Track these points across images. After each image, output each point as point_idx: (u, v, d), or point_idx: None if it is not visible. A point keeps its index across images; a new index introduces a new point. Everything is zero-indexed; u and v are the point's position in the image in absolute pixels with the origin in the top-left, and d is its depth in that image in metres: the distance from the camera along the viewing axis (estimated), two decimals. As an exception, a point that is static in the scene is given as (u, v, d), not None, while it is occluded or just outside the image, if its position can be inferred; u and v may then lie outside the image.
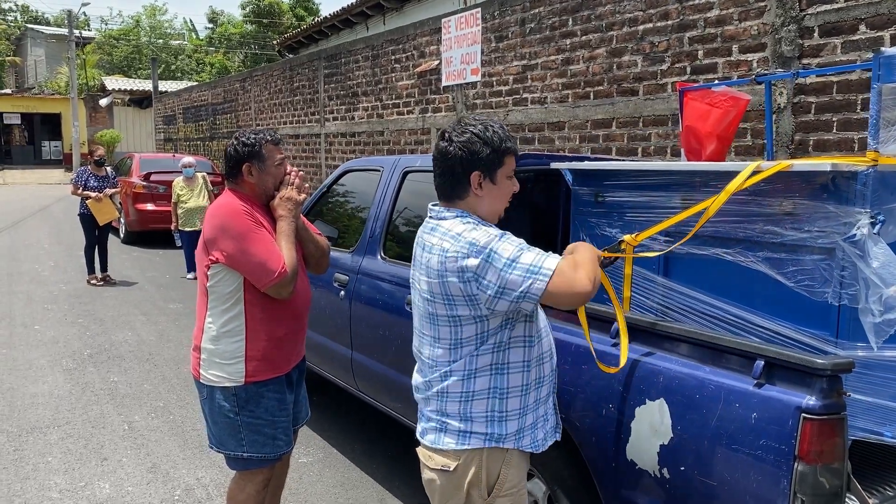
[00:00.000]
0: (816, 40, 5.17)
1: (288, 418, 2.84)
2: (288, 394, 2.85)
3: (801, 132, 5.29)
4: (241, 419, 2.72)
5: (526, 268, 1.93)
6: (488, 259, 1.95)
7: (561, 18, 7.53)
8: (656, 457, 2.26)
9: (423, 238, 2.16)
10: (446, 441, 2.12)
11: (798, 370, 1.95)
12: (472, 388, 2.09)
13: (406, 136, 10.62)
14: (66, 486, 3.88)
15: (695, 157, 3.58)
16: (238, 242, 2.62)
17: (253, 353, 2.70)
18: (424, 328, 2.16)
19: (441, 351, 2.11)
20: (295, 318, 2.82)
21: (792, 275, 2.34)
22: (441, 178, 2.14)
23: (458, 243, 1.99)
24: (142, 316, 7.76)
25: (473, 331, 2.06)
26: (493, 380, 2.09)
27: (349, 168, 4.69)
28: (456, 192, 2.12)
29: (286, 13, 37.26)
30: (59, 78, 38.97)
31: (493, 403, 2.10)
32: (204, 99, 20.04)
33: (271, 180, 2.78)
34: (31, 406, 5.02)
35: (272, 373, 2.75)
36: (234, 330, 2.71)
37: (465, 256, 1.97)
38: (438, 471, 2.14)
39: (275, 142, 2.81)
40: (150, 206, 12.67)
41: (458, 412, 2.10)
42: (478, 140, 2.08)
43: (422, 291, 2.13)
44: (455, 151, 2.08)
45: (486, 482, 2.12)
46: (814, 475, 1.89)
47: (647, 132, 6.55)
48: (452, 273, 1.99)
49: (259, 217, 2.72)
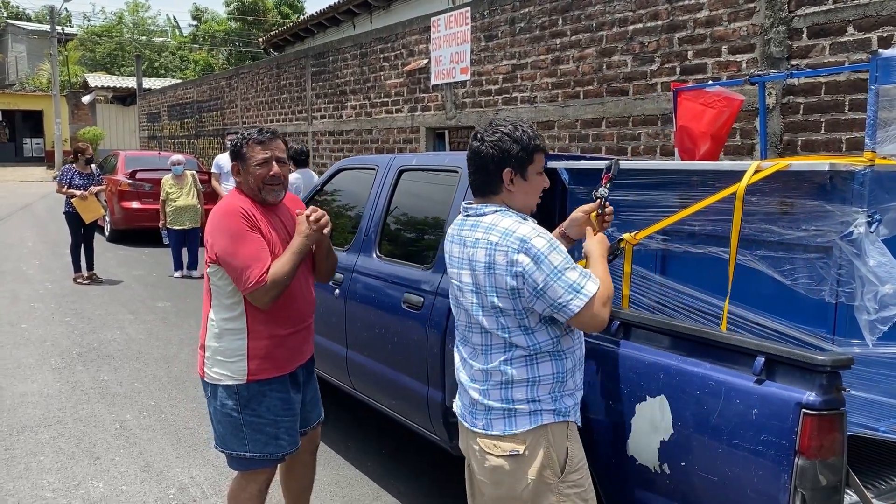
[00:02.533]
0: (805, 41, 5.23)
1: (292, 419, 2.82)
2: (293, 394, 2.82)
3: (789, 132, 5.35)
4: (243, 417, 2.71)
5: (570, 283, 2.06)
6: (538, 260, 2.06)
7: (551, 18, 7.57)
8: (657, 452, 2.29)
9: (460, 235, 2.27)
10: (519, 424, 2.18)
11: (798, 366, 1.98)
12: (538, 374, 2.17)
13: (395, 135, 10.62)
14: (60, 486, 3.85)
15: (689, 157, 3.62)
16: (227, 243, 2.61)
17: (255, 351, 2.68)
18: (471, 319, 2.24)
19: (495, 339, 2.20)
20: (298, 320, 2.80)
21: (789, 273, 2.37)
22: (475, 175, 2.27)
23: (508, 238, 2.10)
24: (129, 315, 7.71)
25: (517, 323, 2.15)
26: (555, 365, 2.19)
27: (343, 166, 4.69)
28: (490, 188, 2.24)
29: (271, 11, 37.09)
30: (40, 75, 38.52)
31: (556, 386, 2.19)
32: (189, 96, 19.91)
33: (252, 180, 2.69)
34: (21, 405, 4.99)
35: (275, 372, 2.73)
36: (236, 328, 2.69)
37: (515, 251, 2.08)
38: (507, 457, 2.18)
39: (259, 141, 2.70)
40: (136, 204, 12.57)
41: (525, 398, 2.17)
42: (508, 139, 2.21)
43: (465, 285, 2.24)
44: (487, 150, 2.21)
45: (558, 460, 2.19)
46: (814, 470, 1.92)
47: (637, 132, 6.60)
48: (501, 266, 2.10)
49: (258, 218, 2.67)
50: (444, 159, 3.93)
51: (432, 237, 3.72)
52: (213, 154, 16.30)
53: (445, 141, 9.86)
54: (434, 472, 4.14)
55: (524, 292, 2.09)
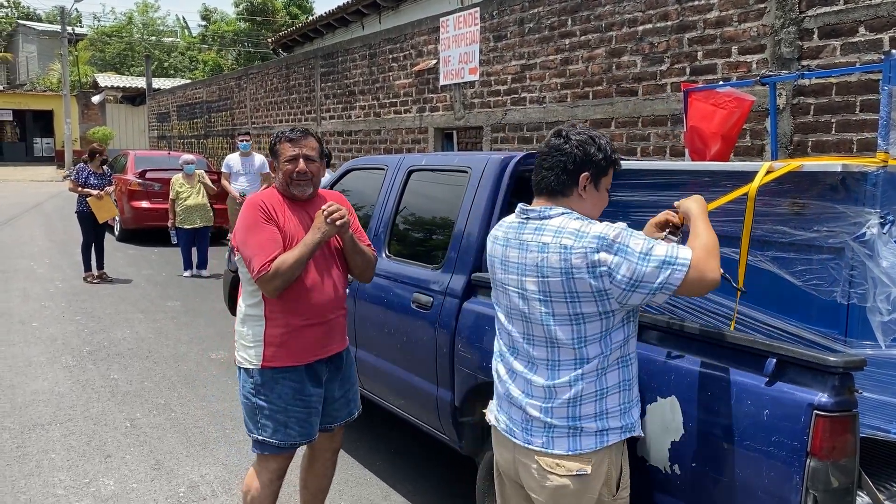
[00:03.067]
0: (816, 42, 5.21)
1: (305, 410, 2.86)
2: (310, 387, 2.87)
3: (799, 133, 5.33)
4: (256, 401, 2.84)
5: (661, 259, 1.96)
6: (622, 253, 1.96)
7: (560, 18, 7.56)
8: (667, 453, 2.28)
9: (520, 239, 2.15)
10: (584, 444, 2.08)
11: (810, 368, 1.98)
12: (606, 385, 2.08)
13: (403, 135, 10.63)
14: (71, 483, 3.88)
15: (699, 158, 3.61)
16: (242, 233, 2.79)
17: (270, 338, 2.79)
18: (535, 330, 2.12)
19: (565, 352, 2.08)
20: (315, 313, 2.83)
21: (801, 274, 2.36)
22: (549, 171, 2.15)
23: (583, 239, 2.00)
24: (139, 314, 7.74)
25: (598, 328, 2.05)
26: (622, 373, 2.11)
27: (352, 167, 4.71)
28: (562, 188, 2.13)
29: (280, 11, 37.17)
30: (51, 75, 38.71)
31: (623, 396, 2.12)
32: (199, 96, 19.98)
33: (281, 175, 2.86)
34: (33, 403, 5.02)
35: (289, 361, 2.81)
36: (256, 314, 2.83)
37: (594, 251, 1.97)
38: (572, 476, 2.08)
39: (289, 139, 2.84)
40: (146, 204, 12.62)
41: (593, 412, 2.08)
42: (593, 144, 2.14)
43: (529, 293, 2.10)
44: (571, 149, 2.13)
45: (615, 478, 2.14)
46: (826, 471, 1.91)
47: (647, 132, 6.59)
48: (581, 269, 1.99)
49: (280, 211, 2.80)
50: (453, 159, 3.93)
51: (441, 237, 3.72)
52: (223, 154, 16.36)
53: (454, 141, 9.86)
54: (443, 472, 4.15)
55: (613, 292, 1.99)
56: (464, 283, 3.35)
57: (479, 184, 3.48)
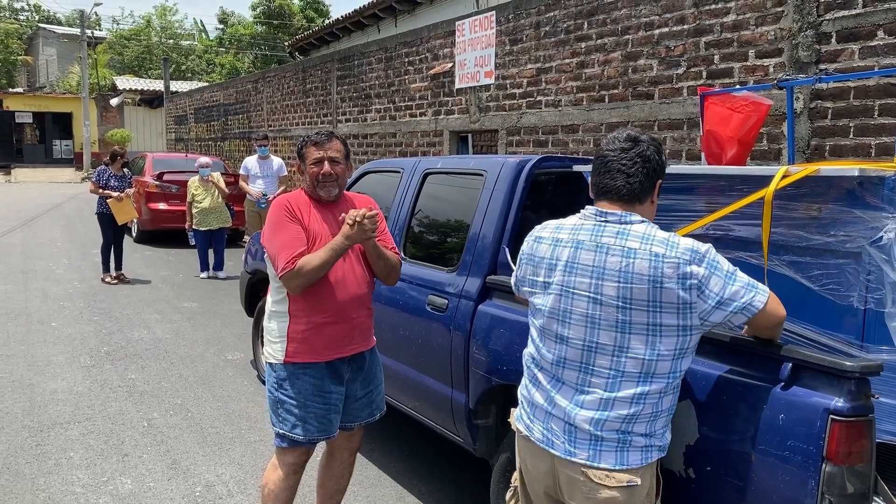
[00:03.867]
0: (834, 46, 5.18)
1: (324, 407, 2.93)
2: (331, 384, 2.94)
3: (817, 137, 5.30)
4: (279, 395, 2.92)
5: (746, 282, 1.99)
6: (713, 268, 1.97)
7: (576, 22, 7.56)
8: (682, 457, 2.28)
9: (598, 242, 2.06)
10: (631, 459, 2.05)
11: (826, 372, 1.97)
12: (662, 408, 2.06)
13: (418, 138, 10.66)
14: (89, 481, 3.92)
15: (715, 162, 3.61)
16: (268, 232, 2.90)
17: (293, 334, 2.89)
18: (602, 338, 2.04)
19: (631, 364, 2.02)
20: (337, 311, 2.90)
21: (817, 278, 2.36)
22: (633, 178, 2.09)
23: (676, 249, 1.97)
24: (156, 314, 7.81)
25: (673, 345, 2.01)
26: (674, 398, 2.10)
27: (368, 169, 4.73)
28: (642, 195, 2.10)
29: (296, 15, 37.35)
30: (70, 77, 39.17)
31: (668, 419, 2.11)
32: (216, 99, 20.13)
33: (308, 177, 2.96)
34: (52, 402, 5.08)
35: (310, 357, 2.89)
36: (282, 311, 2.92)
37: (687, 262, 1.95)
38: (623, 488, 2.05)
39: (315, 142, 2.94)
40: (163, 206, 12.73)
41: (643, 432, 2.05)
42: (661, 151, 2.16)
43: (605, 297, 2.03)
44: (652, 155, 2.11)
45: (656, 489, 2.15)
46: (842, 476, 1.91)
47: (663, 136, 6.57)
48: (671, 279, 1.95)
49: (306, 211, 2.90)
50: (469, 163, 3.94)
51: (457, 240, 3.74)
52: (240, 156, 16.47)
53: (469, 144, 9.87)
54: (457, 474, 4.16)
55: (698, 306, 1.96)
56: (479, 285, 3.37)
57: (494, 187, 3.49)
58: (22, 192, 23.58)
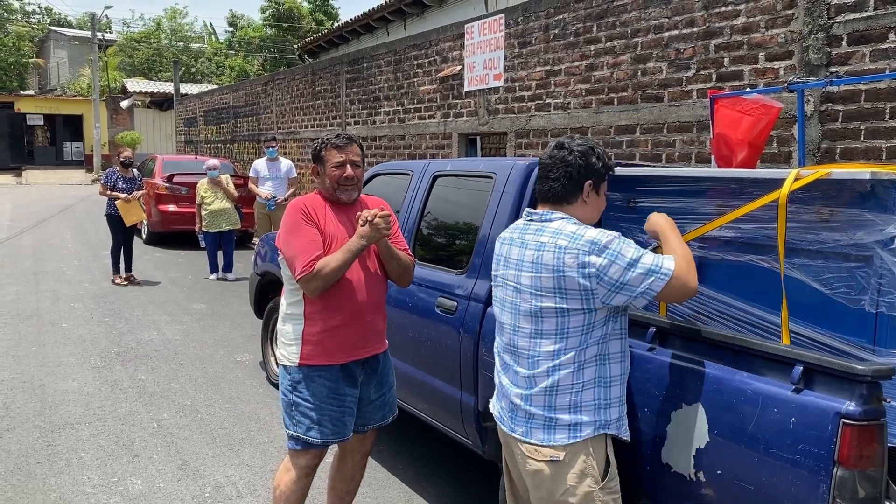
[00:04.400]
0: (845, 48, 5.16)
1: (339, 409, 2.93)
2: (345, 387, 2.94)
3: (827, 140, 5.28)
4: (293, 398, 2.92)
5: (648, 268, 2.18)
6: (612, 258, 2.18)
7: (585, 25, 7.56)
8: (692, 460, 2.28)
9: (522, 239, 2.38)
10: (557, 437, 2.27)
11: (838, 376, 1.97)
12: (582, 379, 2.26)
13: (427, 141, 10.68)
14: (100, 482, 3.94)
15: (725, 165, 3.59)
16: (285, 234, 2.89)
17: (308, 336, 2.88)
18: (522, 322, 2.33)
19: (546, 343, 2.28)
20: (352, 313, 2.90)
21: (828, 282, 2.35)
22: (555, 182, 2.37)
23: (577, 241, 2.22)
24: (166, 316, 7.85)
25: (580, 322, 2.25)
26: (599, 370, 2.28)
27: (378, 172, 4.74)
28: (567, 196, 2.37)
29: (306, 17, 37.45)
30: (81, 80, 39.36)
31: (599, 392, 2.28)
32: (225, 102, 20.20)
33: (328, 180, 2.94)
34: (63, 403, 5.11)
35: (324, 359, 2.89)
36: (296, 313, 2.92)
37: (587, 253, 2.19)
38: (547, 462, 2.28)
39: (336, 145, 2.94)
40: (173, 208, 12.79)
41: (567, 404, 2.26)
42: (593, 154, 2.39)
43: (522, 286, 2.32)
44: (575, 160, 2.36)
45: (598, 468, 2.27)
46: (853, 481, 1.90)
47: (672, 139, 6.56)
48: (572, 268, 2.20)
49: (322, 214, 2.91)
50: (478, 165, 3.95)
51: (466, 242, 3.74)
52: (249, 158, 16.52)
53: (477, 147, 9.88)
54: (465, 476, 4.16)
55: (598, 291, 2.19)
56: (488, 287, 3.36)
57: (503, 189, 3.49)
58: (33, 194, 23.72)
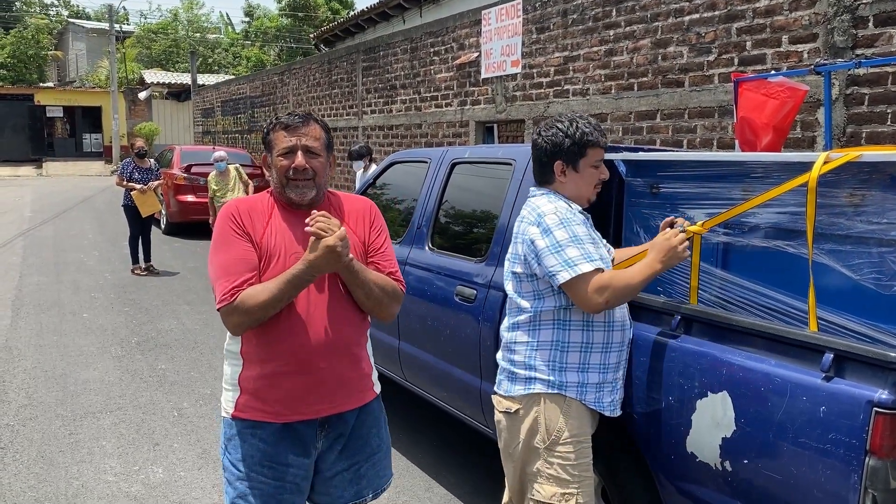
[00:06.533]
0: (871, 30, 5.06)
1: (273, 483, 2.17)
2: (288, 454, 2.17)
3: (853, 124, 5.18)
4: (223, 458, 2.26)
5: (565, 259, 2.29)
6: (544, 232, 2.34)
7: (604, 9, 7.47)
8: (718, 450, 2.24)
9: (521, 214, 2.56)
10: (515, 388, 2.45)
11: (869, 364, 1.92)
12: (538, 338, 2.42)
13: (444, 129, 10.63)
14: (121, 470, 3.96)
15: (749, 149, 3.53)
16: (211, 249, 2.17)
17: (245, 383, 2.16)
18: (507, 287, 2.55)
19: (513, 303, 2.50)
20: (295, 359, 2.11)
21: (858, 267, 2.29)
22: (534, 163, 2.58)
23: (533, 213, 2.42)
24: (185, 305, 7.89)
25: (531, 287, 2.44)
26: (557, 333, 2.41)
27: (395, 160, 4.71)
28: (543, 177, 2.55)
29: (321, 7, 37.42)
30: (99, 71, 39.57)
31: (556, 354, 2.40)
32: (242, 92, 20.25)
33: (275, 173, 2.18)
34: (84, 392, 5.14)
35: (261, 415, 2.15)
36: (234, 350, 2.20)
37: (530, 223, 2.40)
38: (504, 412, 2.49)
39: (285, 125, 2.17)
40: (191, 198, 12.85)
41: (523, 360, 2.44)
42: (561, 133, 2.46)
43: (510, 255, 2.53)
44: (542, 143, 2.51)
45: (546, 428, 2.38)
46: (886, 470, 1.86)
47: (693, 124, 6.48)
48: (521, 235, 2.44)
49: (258, 223, 2.16)
50: (497, 152, 3.90)
51: (485, 230, 3.70)
52: (265, 148, 16.52)
53: (494, 134, 9.82)
54: (485, 464, 4.14)
55: (531, 259, 2.37)
56: (508, 275, 3.33)
57: (523, 176, 3.45)
58: (53, 186, 23.94)
